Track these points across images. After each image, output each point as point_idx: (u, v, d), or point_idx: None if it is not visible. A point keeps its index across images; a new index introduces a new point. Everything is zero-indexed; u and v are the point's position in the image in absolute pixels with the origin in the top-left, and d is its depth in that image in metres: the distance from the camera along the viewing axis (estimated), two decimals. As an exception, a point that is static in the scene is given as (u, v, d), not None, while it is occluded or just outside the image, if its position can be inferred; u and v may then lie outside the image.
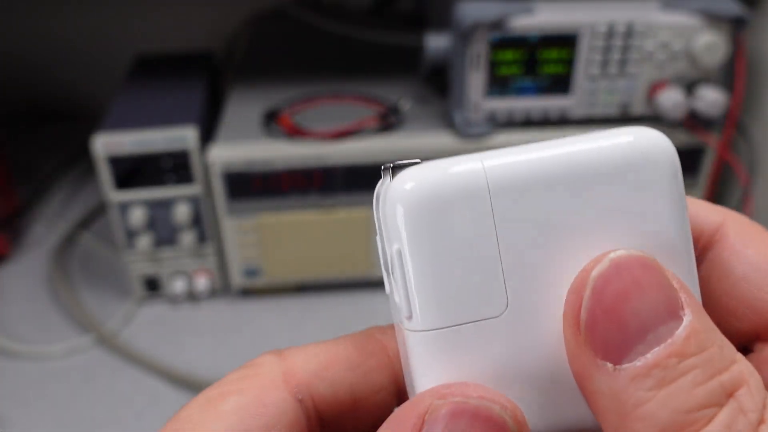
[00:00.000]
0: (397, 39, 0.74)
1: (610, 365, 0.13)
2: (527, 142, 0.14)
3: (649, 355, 0.13)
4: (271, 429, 0.16)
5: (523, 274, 0.15)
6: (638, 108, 0.56)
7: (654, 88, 0.54)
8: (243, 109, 0.61)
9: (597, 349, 0.13)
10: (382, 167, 0.16)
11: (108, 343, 0.58)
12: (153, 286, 0.61)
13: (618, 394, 0.13)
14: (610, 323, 0.13)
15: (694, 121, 0.55)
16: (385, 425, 0.14)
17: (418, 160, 0.16)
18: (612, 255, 0.14)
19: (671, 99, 0.53)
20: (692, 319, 0.13)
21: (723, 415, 0.12)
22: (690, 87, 0.55)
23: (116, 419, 0.52)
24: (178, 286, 0.61)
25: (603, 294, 0.13)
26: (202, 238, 0.59)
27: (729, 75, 0.55)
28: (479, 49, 0.52)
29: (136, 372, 0.56)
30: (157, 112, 0.58)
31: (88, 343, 0.59)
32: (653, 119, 0.57)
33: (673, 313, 0.13)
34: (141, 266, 0.60)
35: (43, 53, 0.90)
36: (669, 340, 0.13)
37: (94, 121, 0.62)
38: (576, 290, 0.14)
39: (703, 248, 0.16)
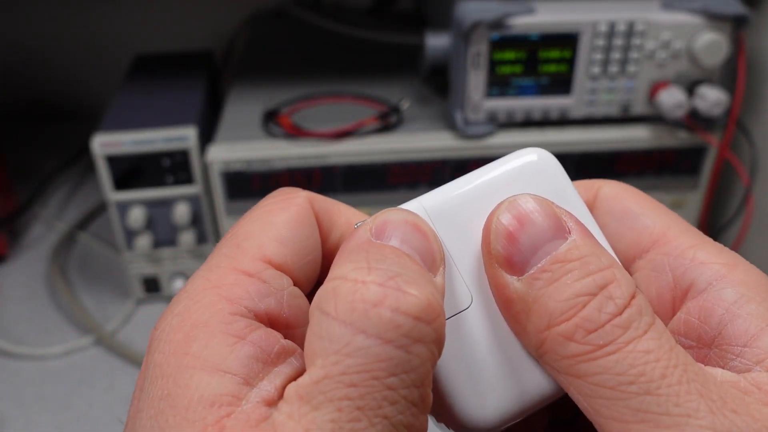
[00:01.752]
0: (397, 38, 0.74)
1: (515, 278, 0.17)
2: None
3: (539, 264, 0.17)
4: (310, 237, 0.20)
5: (477, 273, 0.19)
6: (639, 108, 0.56)
7: (655, 88, 0.54)
8: (242, 108, 0.61)
9: (505, 267, 0.18)
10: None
11: (107, 343, 0.58)
12: (152, 286, 0.61)
13: (522, 296, 0.17)
14: (511, 246, 0.17)
15: (695, 120, 0.55)
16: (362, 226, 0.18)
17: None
18: (510, 198, 0.18)
19: (672, 98, 0.53)
20: (575, 237, 0.17)
21: (595, 301, 0.16)
22: (691, 86, 0.54)
23: (115, 419, 0.52)
24: (178, 286, 0.60)
25: (505, 225, 0.18)
26: (201, 239, 0.59)
27: (729, 74, 0.55)
28: (480, 48, 0.52)
29: (135, 372, 0.56)
30: (156, 112, 0.57)
31: (87, 343, 0.58)
32: (654, 119, 0.57)
33: (558, 234, 0.17)
34: (140, 266, 0.60)
35: (43, 53, 0.90)
36: (554, 252, 0.17)
37: (94, 120, 0.62)
38: (486, 228, 0.18)
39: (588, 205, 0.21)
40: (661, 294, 0.19)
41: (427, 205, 0.19)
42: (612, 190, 0.21)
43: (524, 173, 0.20)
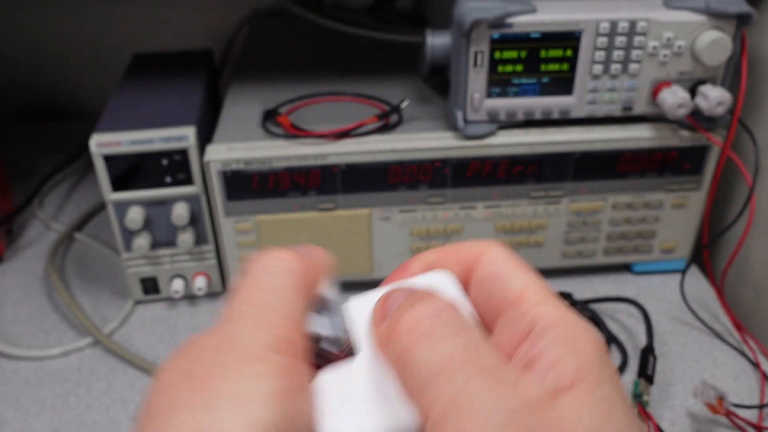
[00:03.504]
0: (397, 38, 0.74)
1: (381, 324, 0.23)
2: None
3: (396, 310, 0.23)
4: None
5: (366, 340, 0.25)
6: (641, 107, 0.55)
7: (657, 87, 0.54)
8: (242, 108, 0.61)
9: (378, 321, 0.24)
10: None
11: (105, 344, 0.57)
12: (151, 287, 0.61)
13: (382, 329, 0.23)
14: (381, 308, 0.24)
15: (697, 119, 0.55)
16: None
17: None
18: (428, 280, 0.26)
19: (674, 98, 0.52)
20: (424, 298, 0.23)
21: (419, 304, 0.22)
22: (693, 85, 0.54)
23: (114, 420, 0.51)
24: (176, 287, 0.60)
25: (380, 300, 0.24)
26: (200, 239, 0.59)
27: (731, 73, 0.54)
28: (480, 47, 0.51)
29: (133, 373, 0.55)
30: (155, 112, 0.57)
31: (85, 344, 0.58)
32: (656, 118, 0.56)
33: (405, 296, 0.23)
34: (139, 267, 0.59)
35: (43, 53, 0.90)
36: (405, 300, 0.23)
37: (92, 120, 0.61)
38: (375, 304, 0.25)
39: (470, 272, 0.27)
40: (510, 340, 0.23)
41: (351, 300, 0.26)
42: (492, 256, 0.26)
43: (427, 277, 0.26)
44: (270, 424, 0.20)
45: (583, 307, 0.59)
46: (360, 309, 0.26)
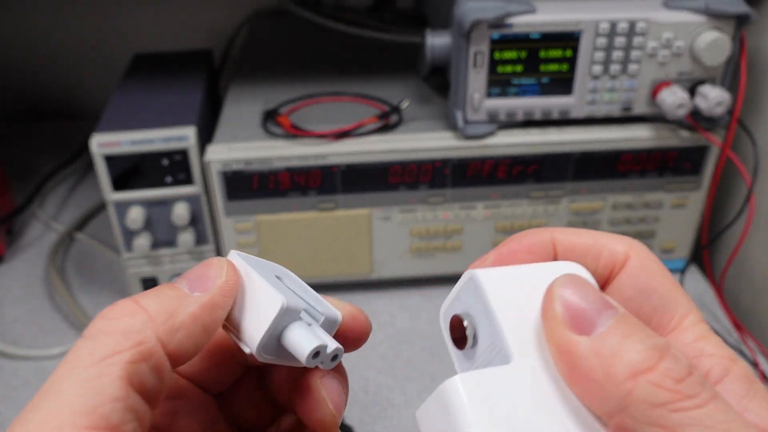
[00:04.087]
0: (397, 37, 0.74)
1: (585, 337, 0.19)
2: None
3: (609, 323, 0.19)
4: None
5: (526, 337, 0.21)
6: (641, 107, 0.55)
7: (657, 87, 0.54)
8: (242, 108, 0.61)
9: (573, 329, 0.19)
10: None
11: (105, 344, 0.57)
12: (151, 287, 0.61)
13: (599, 350, 0.19)
14: (577, 311, 0.20)
15: (697, 120, 0.55)
16: None
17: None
18: (566, 274, 0.21)
19: (674, 98, 0.52)
20: (623, 311, 0.20)
21: (670, 357, 0.18)
22: (693, 86, 0.54)
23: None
24: (177, 287, 0.60)
25: (567, 295, 0.20)
26: (200, 239, 0.59)
27: (730, 73, 0.54)
28: (480, 47, 0.51)
29: (133, 374, 0.55)
30: (155, 112, 0.57)
31: (86, 344, 0.58)
32: (656, 118, 0.56)
33: (609, 306, 0.20)
34: (139, 267, 0.59)
35: (43, 53, 0.90)
36: (618, 314, 0.20)
37: (93, 120, 0.61)
38: (549, 296, 0.20)
39: (610, 273, 0.24)
40: None
41: (481, 273, 0.22)
42: (643, 263, 0.23)
43: (563, 267, 0.23)
44: None
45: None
46: (499, 291, 0.21)
